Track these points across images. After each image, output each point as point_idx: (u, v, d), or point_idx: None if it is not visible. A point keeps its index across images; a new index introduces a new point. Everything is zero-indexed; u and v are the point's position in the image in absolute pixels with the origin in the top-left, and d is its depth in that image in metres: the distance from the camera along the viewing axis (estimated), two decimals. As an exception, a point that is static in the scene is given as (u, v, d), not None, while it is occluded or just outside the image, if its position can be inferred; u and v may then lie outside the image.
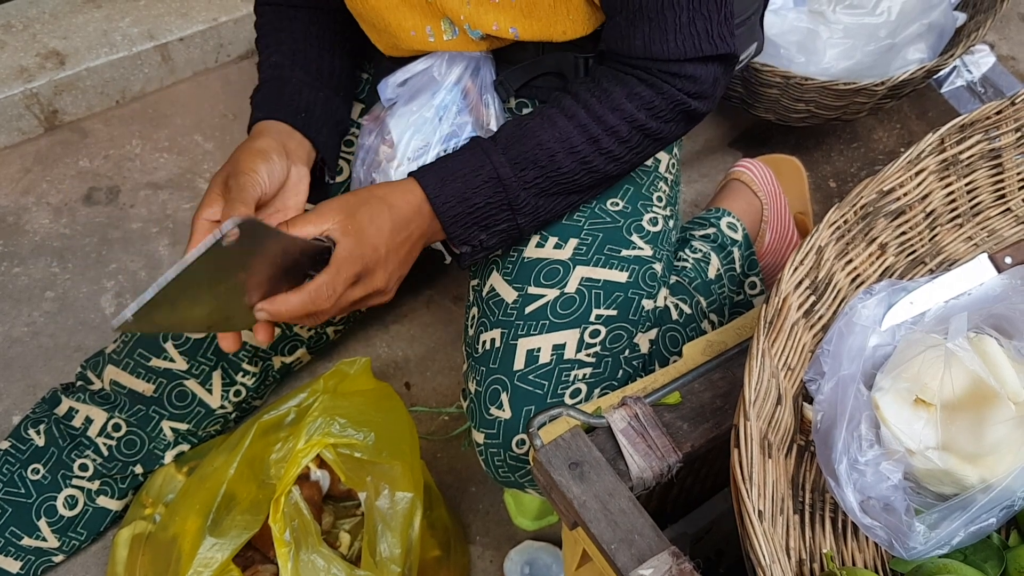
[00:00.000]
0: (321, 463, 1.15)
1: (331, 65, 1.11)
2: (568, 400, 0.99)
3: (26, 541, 1.19)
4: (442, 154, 1.05)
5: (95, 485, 1.21)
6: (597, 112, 0.95)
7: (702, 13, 0.92)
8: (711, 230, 1.29)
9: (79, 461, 1.20)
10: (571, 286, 1.02)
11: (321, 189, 1.10)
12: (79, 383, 1.23)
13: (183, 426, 1.21)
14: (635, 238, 1.07)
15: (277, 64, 1.08)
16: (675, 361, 0.94)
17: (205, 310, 0.83)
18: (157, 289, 0.72)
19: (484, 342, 1.04)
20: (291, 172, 0.97)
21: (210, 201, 0.90)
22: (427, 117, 1.06)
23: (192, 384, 1.20)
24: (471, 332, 1.08)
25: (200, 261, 0.73)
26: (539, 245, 1.05)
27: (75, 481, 1.20)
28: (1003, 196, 0.96)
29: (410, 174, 0.96)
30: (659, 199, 1.12)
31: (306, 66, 1.09)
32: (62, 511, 1.20)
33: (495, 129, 1.07)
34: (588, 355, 1.01)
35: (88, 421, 1.20)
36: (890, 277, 0.90)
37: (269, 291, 0.86)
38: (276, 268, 0.85)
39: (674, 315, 1.12)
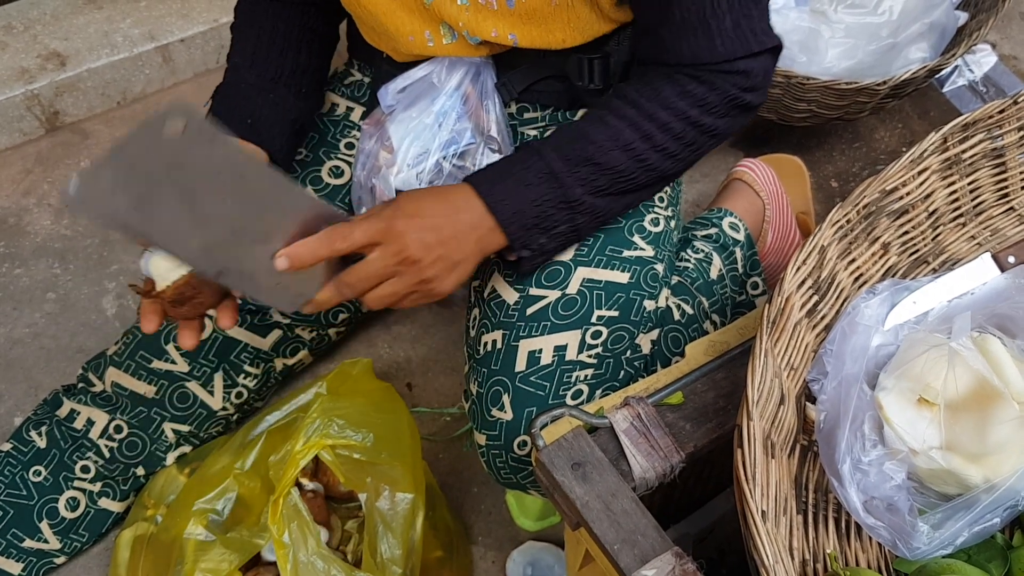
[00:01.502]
0: (315, 471, 1.15)
1: (295, 64, 1.11)
2: (570, 401, 0.99)
3: (28, 543, 1.18)
4: (441, 161, 1.05)
5: (97, 487, 1.21)
6: (648, 110, 0.93)
7: (744, 14, 0.90)
8: (713, 230, 1.28)
9: (81, 463, 1.20)
10: (572, 287, 1.02)
11: None
12: (80, 385, 1.23)
13: (185, 428, 1.21)
14: (637, 239, 1.07)
15: (236, 66, 1.10)
16: (677, 362, 0.93)
17: (197, 232, 0.81)
18: (98, 166, 0.72)
19: (485, 343, 1.04)
20: None
21: None
22: (427, 123, 1.06)
23: (193, 386, 1.19)
24: (472, 333, 1.08)
25: (138, 143, 0.73)
26: (541, 245, 1.05)
27: (77, 483, 1.20)
28: (1006, 195, 0.96)
29: (463, 179, 0.94)
30: (660, 199, 1.12)
31: (264, 66, 1.09)
32: (64, 513, 1.20)
33: (495, 135, 1.06)
34: (590, 356, 1.01)
35: (90, 423, 1.20)
36: (893, 277, 0.89)
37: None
38: (293, 227, 0.85)
39: (676, 315, 1.12)
